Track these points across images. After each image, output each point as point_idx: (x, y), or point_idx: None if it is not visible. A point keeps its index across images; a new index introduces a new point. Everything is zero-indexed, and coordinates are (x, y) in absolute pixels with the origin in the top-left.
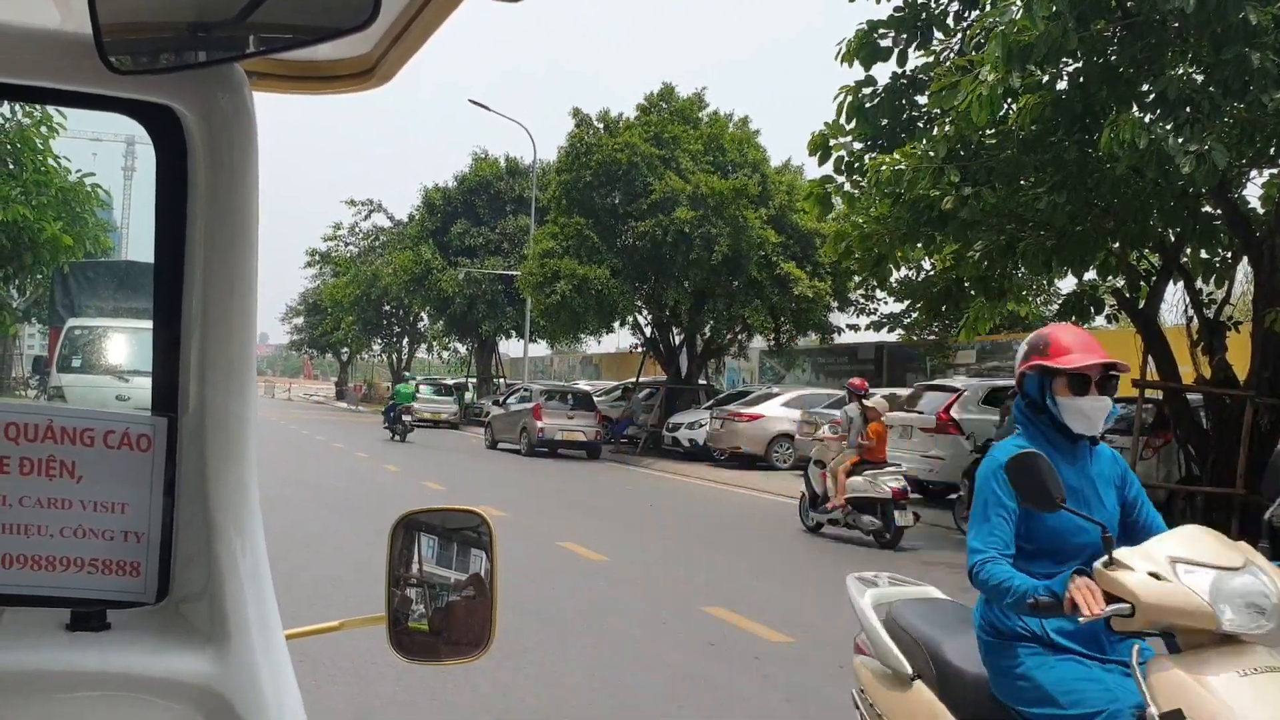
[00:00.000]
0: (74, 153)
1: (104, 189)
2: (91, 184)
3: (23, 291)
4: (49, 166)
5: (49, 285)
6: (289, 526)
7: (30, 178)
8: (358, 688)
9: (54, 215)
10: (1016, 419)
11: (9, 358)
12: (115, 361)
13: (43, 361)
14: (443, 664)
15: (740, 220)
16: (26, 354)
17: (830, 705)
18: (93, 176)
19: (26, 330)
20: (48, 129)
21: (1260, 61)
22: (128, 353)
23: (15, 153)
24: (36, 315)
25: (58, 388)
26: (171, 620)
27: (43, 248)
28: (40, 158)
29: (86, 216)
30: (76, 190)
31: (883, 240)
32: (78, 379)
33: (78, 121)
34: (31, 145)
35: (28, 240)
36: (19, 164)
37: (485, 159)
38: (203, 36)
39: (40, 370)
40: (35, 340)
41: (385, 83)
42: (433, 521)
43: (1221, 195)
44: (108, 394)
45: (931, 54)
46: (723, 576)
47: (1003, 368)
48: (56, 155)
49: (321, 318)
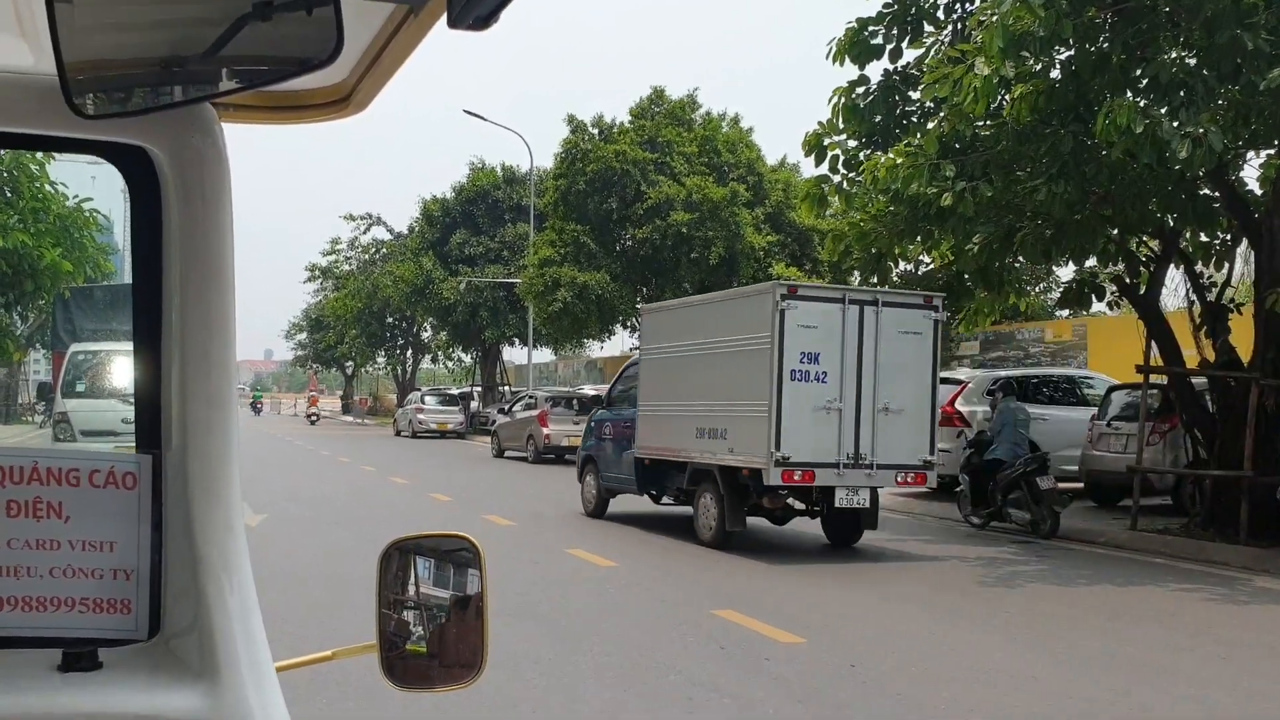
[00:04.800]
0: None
1: (103, 214)
2: (90, 209)
3: (25, 318)
4: (46, 193)
5: (51, 311)
6: (299, 544)
7: (28, 205)
8: (368, 705)
9: (53, 241)
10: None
11: (15, 384)
12: (120, 385)
13: (47, 387)
14: (436, 690)
15: (734, 225)
16: (32, 379)
17: (842, 705)
18: (90, 201)
19: (32, 356)
20: (43, 155)
21: (1253, 43)
22: (132, 375)
23: (12, 180)
24: (40, 341)
25: (63, 413)
26: (163, 657)
27: (43, 274)
28: (37, 185)
29: (86, 242)
30: (75, 216)
31: (881, 238)
32: (82, 404)
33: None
34: (28, 173)
35: (28, 267)
36: (16, 192)
37: (482, 169)
38: (170, 76)
39: (45, 396)
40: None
41: (362, 110)
42: (423, 546)
43: (1219, 178)
44: (113, 417)
45: (922, 45)
46: (732, 578)
47: (1007, 358)
48: (53, 181)
49: (325, 332)
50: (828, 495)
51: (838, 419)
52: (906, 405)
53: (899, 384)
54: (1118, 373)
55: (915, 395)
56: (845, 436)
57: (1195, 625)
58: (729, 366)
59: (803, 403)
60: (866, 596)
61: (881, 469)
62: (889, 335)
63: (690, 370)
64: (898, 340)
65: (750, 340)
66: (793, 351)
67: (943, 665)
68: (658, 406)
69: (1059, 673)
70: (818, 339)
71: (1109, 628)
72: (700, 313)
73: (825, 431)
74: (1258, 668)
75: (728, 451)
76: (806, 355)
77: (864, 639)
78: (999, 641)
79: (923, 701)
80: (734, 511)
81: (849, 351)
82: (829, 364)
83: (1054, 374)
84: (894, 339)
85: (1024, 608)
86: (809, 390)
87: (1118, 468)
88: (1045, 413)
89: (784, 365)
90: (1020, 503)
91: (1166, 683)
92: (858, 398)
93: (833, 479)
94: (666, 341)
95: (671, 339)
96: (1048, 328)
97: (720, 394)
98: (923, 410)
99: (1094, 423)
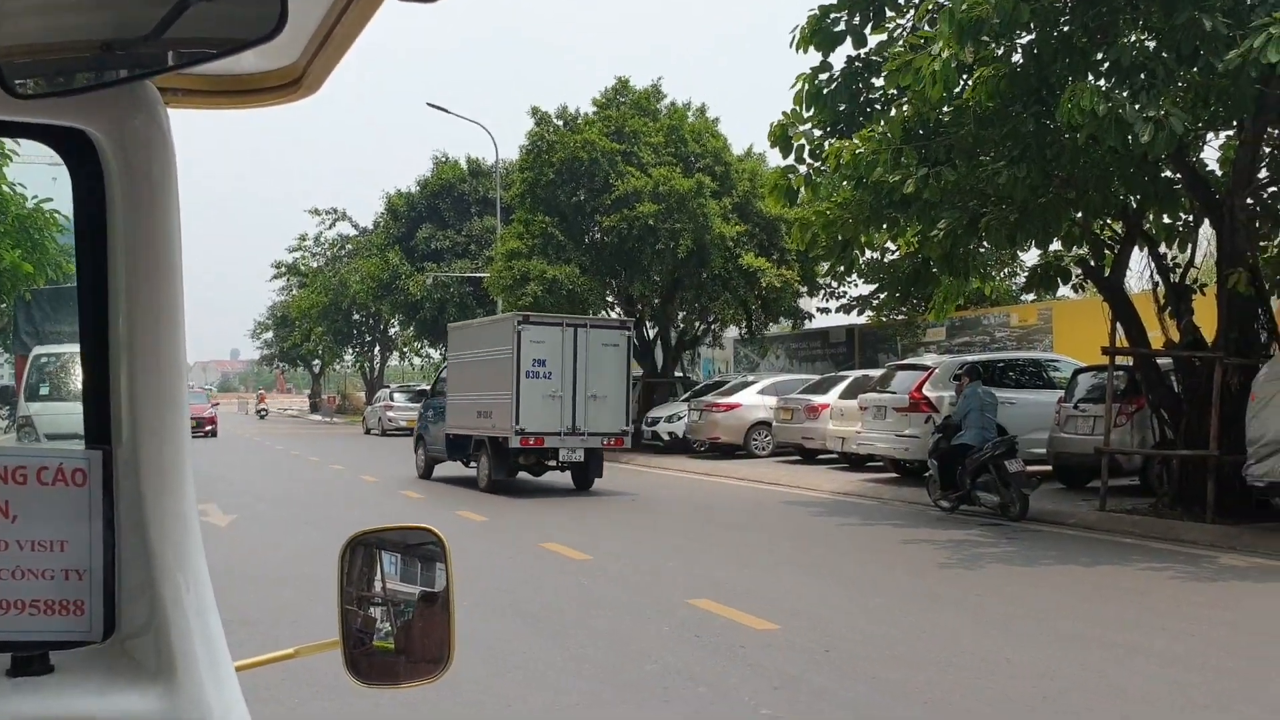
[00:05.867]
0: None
1: (63, 214)
2: (50, 210)
3: None
4: (4, 194)
5: (12, 314)
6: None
7: None
8: (340, 702)
9: (12, 243)
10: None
11: None
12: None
13: (10, 391)
14: (400, 687)
15: (701, 217)
16: None
17: (818, 691)
18: (50, 202)
19: None
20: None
21: (1210, 24)
22: (79, 368)
23: None
24: (1, 344)
25: (27, 417)
26: (118, 658)
27: (3, 276)
28: None
29: (47, 243)
30: (34, 217)
31: (847, 225)
32: (45, 407)
33: (34, 146)
34: None
35: None
36: None
37: (446, 162)
38: (109, 56)
39: (8, 400)
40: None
41: (313, 92)
42: (386, 540)
43: (1180, 160)
44: (78, 420)
45: (884, 31)
46: (706, 567)
47: (973, 343)
48: (11, 183)
49: (291, 330)
50: (555, 454)
51: (559, 403)
52: (608, 393)
53: (602, 379)
54: (1084, 355)
55: (614, 386)
56: (565, 414)
57: (1164, 604)
58: (491, 369)
59: (535, 392)
60: (838, 582)
61: (591, 435)
62: (595, 347)
63: (473, 371)
64: (601, 350)
65: (501, 351)
66: (527, 358)
67: (916, 649)
68: (458, 397)
69: (1031, 654)
70: (545, 350)
71: (1079, 608)
72: (477, 331)
73: (551, 411)
74: (1226, 644)
75: (492, 426)
76: (537, 361)
77: (837, 624)
78: (971, 624)
79: (898, 685)
80: (497, 467)
81: (567, 358)
82: (553, 366)
83: (1021, 358)
84: (598, 349)
85: (995, 590)
86: (539, 384)
87: (1085, 449)
88: (1013, 396)
89: (521, 367)
90: (989, 486)
91: (1138, 662)
92: (574, 389)
93: (557, 443)
94: (461, 351)
95: (464, 349)
96: (1013, 312)
97: (487, 387)
98: (619, 396)
99: (1061, 405)
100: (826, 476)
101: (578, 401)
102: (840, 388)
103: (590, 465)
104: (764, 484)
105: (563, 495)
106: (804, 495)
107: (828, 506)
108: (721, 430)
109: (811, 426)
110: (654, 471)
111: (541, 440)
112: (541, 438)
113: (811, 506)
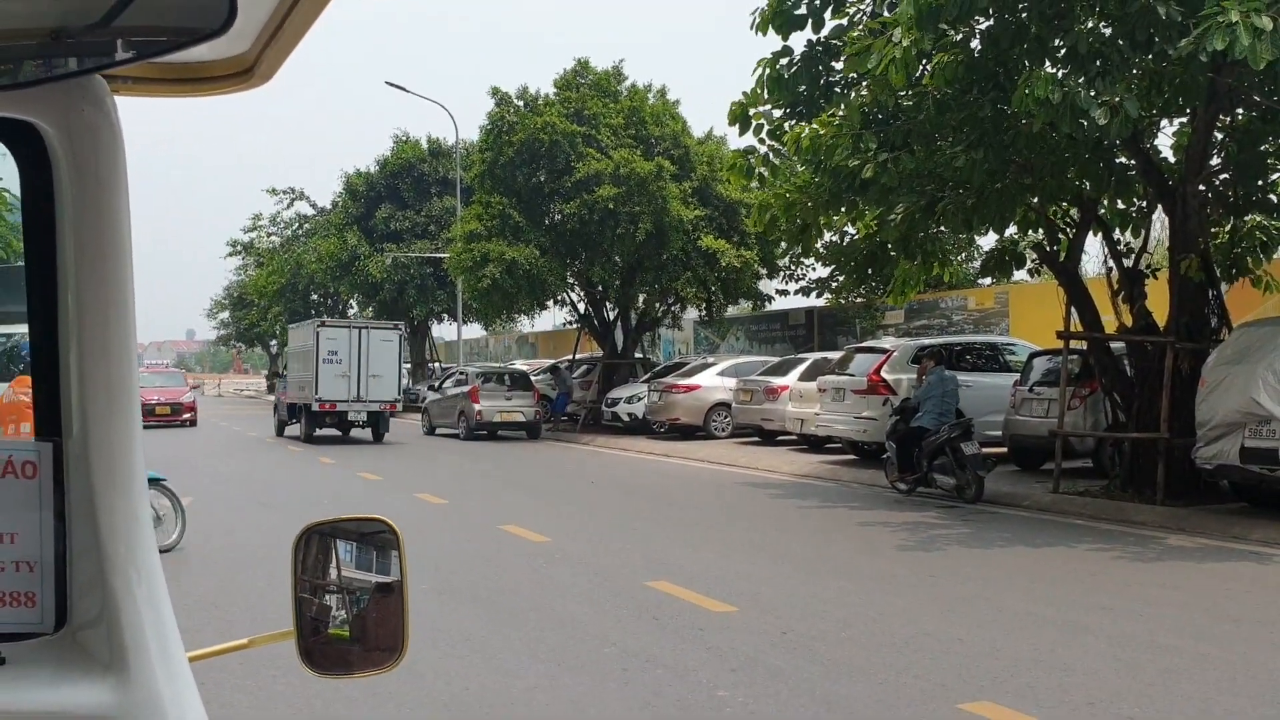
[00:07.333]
0: None
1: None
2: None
3: None
4: None
5: None
6: (232, 525)
7: None
8: (301, 684)
9: None
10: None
11: None
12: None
13: None
14: (355, 676)
15: (661, 200)
16: None
17: (775, 672)
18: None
19: None
20: None
21: (1164, 12)
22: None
23: None
24: None
25: None
26: (69, 650)
27: None
28: None
29: None
30: None
31: (806, 208)
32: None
33: None
34: None
35: None
36: None
37: (406, 141)
38: (57, 48)
39: None
40: None
41: (266, 81)
42: (341, 529)
43: (1134, 146)
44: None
45: (845, 15)
46: (665, 550)
47: (931, 326)
48: None
49: (248, 310)
50: (345, 416)
51: (347, 380)
52: (384, 373)
53: (379, 364)
54: (1039, 339)
55: (388, 369)
56: (352, 387)
57: (1113, 584)
58: (304, 358)
59: (330, 373)
60: (796, 564)
61: (372, 402)
62: (375, 342)
63: (298, 359)
64: (379, 344)
65: (309, 344)
66: (325, 350)
67: (872, 629)
68: (293, 377)
69: (984, 634)
70: (337, 345)
71: (1031, 589)
72: (296, 332)
73: (341, 386)
74: (1172, 623)
75: (305, 396)
76: (331, 352)
77: (794, 606)
78: (926, 604)
79: (854, 666)
80: (308, 425)
81: (354, 349)
82: (344, 355)
83: (977, 341)
84: (378, 344)
85: (950, 571)
86: (333, 368)
87: (1040, 432)
88: (969, 379)
89: (320, 356)
90: (946, 468)
91: (1088, 640)
92: (358, 370)
93: (346, 408)
94: (294, 344)
95: (294, 343)
96: (970, 296)
97: (302, 370)
98: (392, 376)
99: (1016, 388)
100: (785, 458)
101: (361, 379)
102: (799, 370)
103: (378, 423)
104: (723, 465)
105: (526, 476)
106: (763, 477)
107: (786, 488)
108: (681, 411)
109: (771, 408)
110: (614, 452)
111: (334, 405)
112: (334, 404)
113: (770, 488)
